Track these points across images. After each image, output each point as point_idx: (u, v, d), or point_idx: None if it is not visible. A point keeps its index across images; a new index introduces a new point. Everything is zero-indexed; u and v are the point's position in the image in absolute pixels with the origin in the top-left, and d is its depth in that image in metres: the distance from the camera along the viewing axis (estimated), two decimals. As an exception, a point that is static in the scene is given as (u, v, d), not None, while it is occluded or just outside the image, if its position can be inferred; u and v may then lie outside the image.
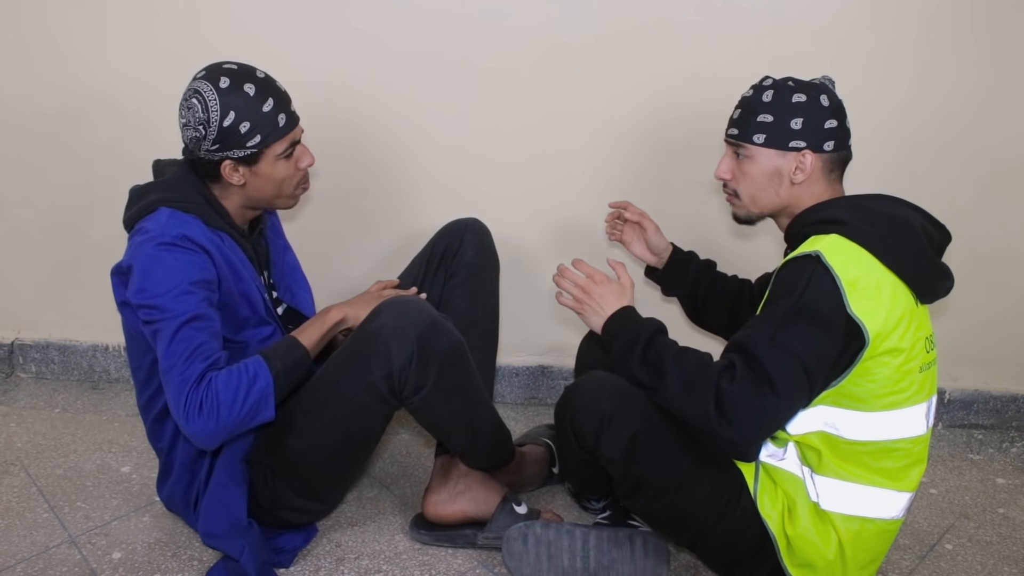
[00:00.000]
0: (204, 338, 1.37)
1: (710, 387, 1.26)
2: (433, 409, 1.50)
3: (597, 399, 1.40)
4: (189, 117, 1.41)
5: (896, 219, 1.32)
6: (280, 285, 1.67)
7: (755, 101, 1.40)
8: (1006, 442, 2.16)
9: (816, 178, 1.39)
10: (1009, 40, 1.92)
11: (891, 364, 1.28)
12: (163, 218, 1.43)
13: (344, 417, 1.47)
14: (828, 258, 1.26)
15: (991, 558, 1.71)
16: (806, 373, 1.25)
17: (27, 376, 2.36)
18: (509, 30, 1.98)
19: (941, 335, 2.17)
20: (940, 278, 1.36)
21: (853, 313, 1.24)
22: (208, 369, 1.35)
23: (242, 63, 1.45)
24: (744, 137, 1.41)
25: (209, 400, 1.33)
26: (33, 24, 2.07)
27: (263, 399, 1.38)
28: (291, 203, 1.56)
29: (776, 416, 1.26)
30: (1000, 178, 2.03)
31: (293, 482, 1.54)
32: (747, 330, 1.29)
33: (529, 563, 1.55)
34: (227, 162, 1.44)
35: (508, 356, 2.26)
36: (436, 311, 1.49)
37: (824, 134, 1.37)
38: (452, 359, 1.46)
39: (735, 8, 1.93)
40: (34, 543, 1.66)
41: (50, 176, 2.19)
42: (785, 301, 1.27)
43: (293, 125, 1.46)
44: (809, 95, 1.37)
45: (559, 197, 2.11)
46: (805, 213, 1.39)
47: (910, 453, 1.36)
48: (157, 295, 1.37)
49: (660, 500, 1.39)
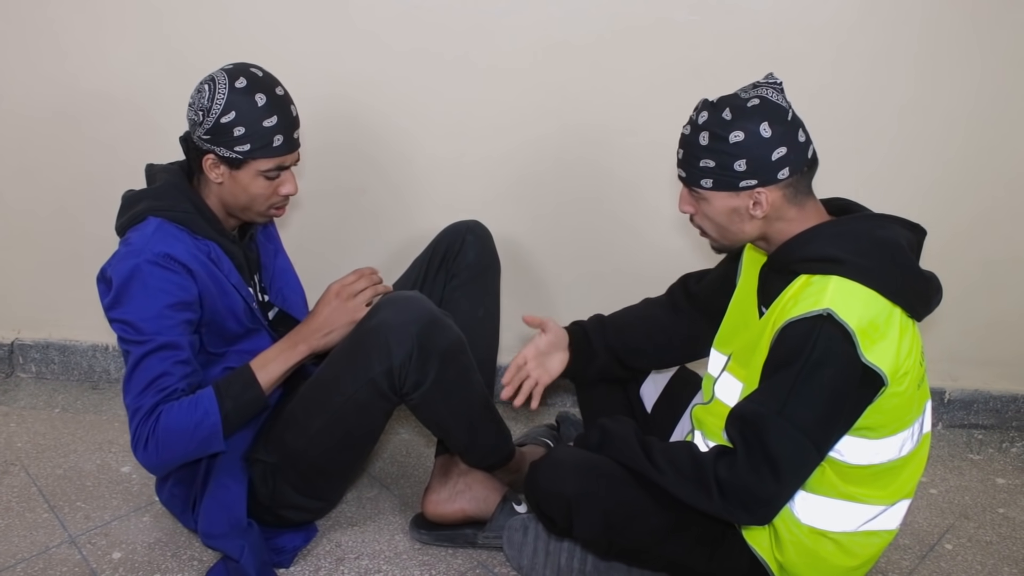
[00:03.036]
0: (166, 368, 1.39)
1: (709, 478, 1.23)
2: (433, 405, 1.50)
3: (558, 481, 1.36)
4: (195, 99, 1.43)
5: (886, 243, 1.25)
6: (272, 289, 1.67)
7: (693, 143, 1.28)
8: (1006, 442, 2.16)
9: (782, 208, 1.28)
10: (1010, 40, 1.92)
11: (899, 392, 1.25)
12: (149, 230, 1.43)
13: (345, 413, 1.47)
14: (839, 312, 1.18)
15: (991, 558, 1.71)
16: (815, 446, 1.21)
17: (27, 376, 2.36)
18: (509, 29, 1.98)
19: (941, 335, 2.17)
20: (933, 292, 1.32)
21: (869, 362, 1.19)
22: (161, 401, 1.39)
23: (270, 73, 1.45)
24: (692, 181, 1.31)
25: (155, 436, 1.39)
26: (34, 23, 2.07)
27: (211, 436, 1.42)
28: (261, 220, 1.55)
29: (786, 496, 1.24)
30: (1001, 178, 2.03)
31: (293, 479, 1.54)
32: (751, 402, 1.24)
33: (527, 555, 1.55)
34: (211, 156, 1.44)
35: (508, 356, 2.24)
36: (436, 307, 1.49)
37: (774, 166, 1.24)
38: (452, 355, 1.47)
39: (735, 8, 1.93)
40: (34, 543, 1.66)
41: (50, 175, 2.19)
42: (791, 368, 1.20)
43: (287, 150, 1.46)
44: (747, 130, 1.23)
45: (560, 198, 2.10)
46: (792, 246, 1.29)
47: (910, 464, 1.35)
48: (130, 314, 1.40)
49: (649, 556, 1.40)
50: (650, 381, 1.71)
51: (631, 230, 2.11)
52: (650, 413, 1.69)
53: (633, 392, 1.72)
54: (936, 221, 2.05)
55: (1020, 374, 2.20)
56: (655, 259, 2.13)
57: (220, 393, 1.42)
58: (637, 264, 2.13)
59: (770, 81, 1.29)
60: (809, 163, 1.28)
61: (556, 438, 1.87)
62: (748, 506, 1.23)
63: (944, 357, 2.19)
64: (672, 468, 1.29)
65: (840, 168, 2.03)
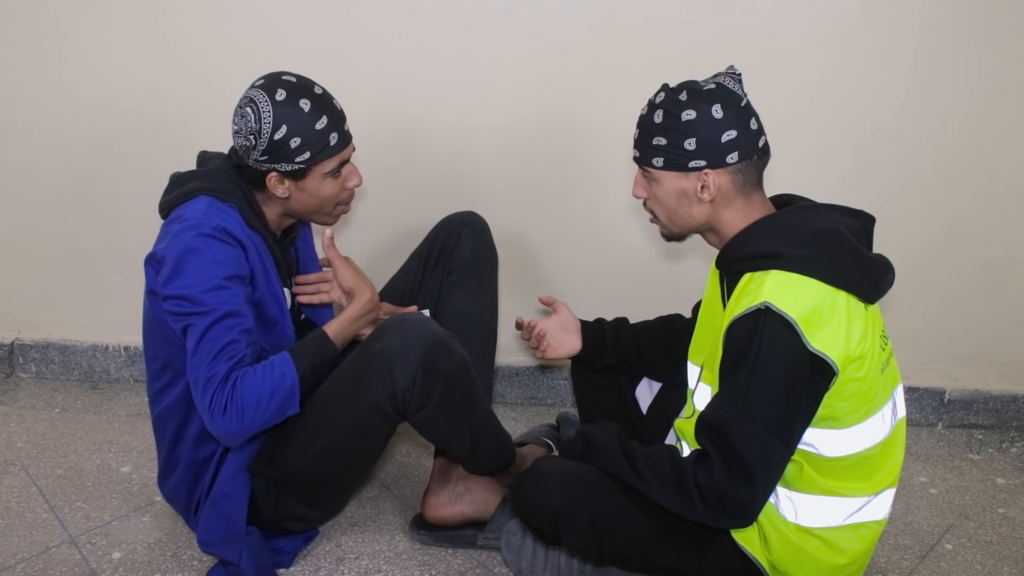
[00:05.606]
0: (233, 336, 1.37)
1: (690, 486, 1.25)
2: (436, 425, 1.49)
3: (543, 493, 1.37)
4: (241, 125, 1.41)
5: (824, 232, 1.27)
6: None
7: (648, 122, 1.32)
8: (1006, 442, 2.16)
9: (729, 195, 1.31)
10: (1010, 40, 1.92)
11: (858, 378, 1.26)
12: (202, 206, 1.42)
13: (348, 435, 1.46)
14: (777, 303, 1.21)
15: (991, 558, 1.71)
16: (780, 440, 1.23)
17: (27, 376, 2.36)
18: (509, 27, 1.98)
19: (941, 335, 2.18)
20: (882, 273, 1.31)
21: (816, 349, 1.20)
22: (233, 368, 1.35)
23: (302, 76, 1.44)
24: (644, 161, 1.34)
25: (234, 402, 1.34)
26: (34, 24, 2.07)
27: (289, 399, 1.39)
28: (330, 220, 1.55)
29: (763, 496, 1.25)
30: (1001, 178, 2.03)
31: (296, 492, 1.53)
32: (713, 408, 1.27)
33: (527, 558, 1.55)
34: (273, 174, 1.43)
35: (508, 356, 2.26)
36: (441, 328, 1.48)
37: (723, 148, 1.28)
38: (456, 377, 1.45)
39: (734, 6, 1.93)
40: (34, 543, 1.66)
41: (50, 176, 2.19)
42: (743, 367, 1.23)
43: (344, 144, 1.46)
44: (699, 109, 1.27)
45: (558, 193, 2.10)
46: (733, 245, 1.32)
47: (888, 451, 1.36)
48: (190, 287, 1.36)
49: (641, 562, 1.41)
50: (645, 384, 1.72)
51: (632, 227, 2.11)
52: (645, 415, 1.70)
53: (629, 394, 1.73)
54: (936, 220, 2.07)
55: (1020, 374, 2.20)
56: (656, 255, 2.13)
57: (296, 354, 1.41)
58: (639, 260, 2.13)
59: (729, 71, 1.33)
60: (759, 152, 1.31)
61: (556, 438, 1.87)
62: (729, 511, 1.25)
63: (944, 357, 2.19)
64: (655, 476, 1.30)
65: (840, 168, 2.03)
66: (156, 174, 1.62)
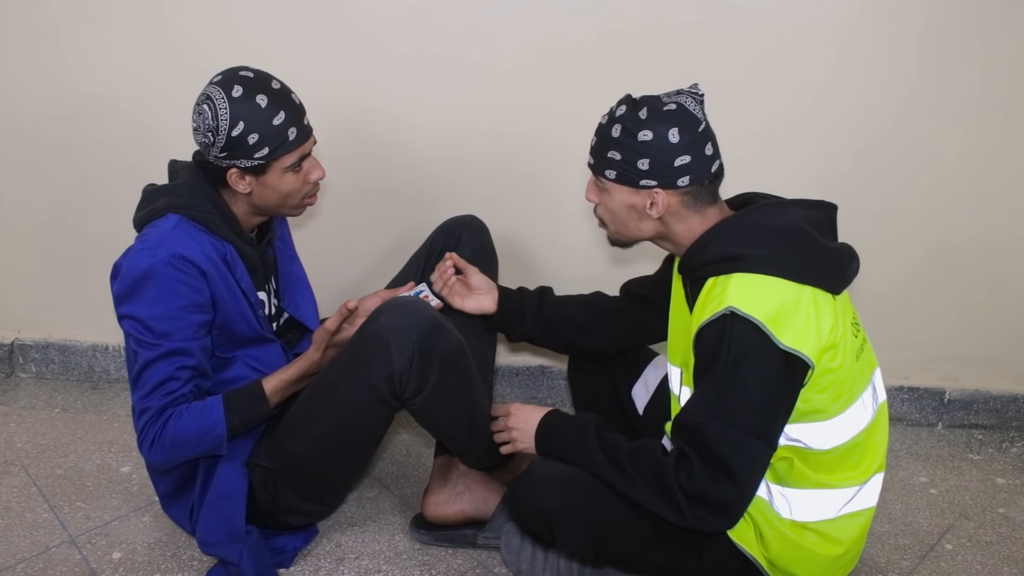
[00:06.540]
0: (172, 373, 1.42)
1: (673, 488, 1.25)
2: (434, 410, 1.50)
3: (538, 497, 1.37)
4: (199, 123, 1.41)
5: (783, 229, 1.27)
6: (285, 295, 1.67)
7: (606, 134, 1.31)
8: (1006, 442, 2.16)
9: (680, 213, 1.32)
10: (1011, 40, 1.92)
11: (832, 368, 1.26)
12: (168, 227, 1.43)
13: (346, 419, 1.47)
14: (741, 307, 1.21)
15: (991, 558, 1.71)
16: (759, 439, 1.23)
17: (27, 376, 2.36)
18: (509, 27, 1.98)
19: (941, 335, 2.18)
20: (846, 262, 1.31)
21: (787, 347, 1.21)
22: (168, 405, 1.42)
23: (259, 71, 1.44)
24: (597, 170, 1.35)
25: (161, 439, 1.43)
26: (34, 24, 2.07)
27: (216, 445, 1.46)
28: (296, 212, 1.55)
29: (747, 495, 1.26)
30: (1002, 178, 2.03)
31: (294, 484, 1.53)
32: (688, 412, 1.27)
33: (526, 559, 1.55)
34: (233, 170, 1.43)
35: (508, 356, 2.26)
36: (437, 312, 1.49)
37: (675, 172, 1.28)
38: (453, 360, 1.46)
39: (735, 7, 1.93)
40: (34, 543, 1.66)
41: (50, 176, 2.19)
42: (714, 372, 1.23)
43: (304, 139, 1.45)
44: (656, 131, 1.26)
45: (558, 194, 2.10)
46: (695, 251, 1.32)
47: (873, 436, 1.37)
48: (141, 311, 1.40)
49: (638, 564, 1.41)
50: (642, 383, 1.72)
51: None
52: (642, 415, 1.70)
53: (625, 394, 1.73)
54: (936, 220, 2.07)
55: (1020, 374, 2.20)
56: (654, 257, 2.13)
57: (229, 406, 1.44)
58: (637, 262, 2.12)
59: (693, 91, 1.32)
60: (712, 176, 1.32)
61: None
62: (715, 511, 1.25)
63: (944, 357, 2.19)
64: (641, 478, 1.30)
65: (839, 167, 2.03)
66: (156, 174, 1.62)
